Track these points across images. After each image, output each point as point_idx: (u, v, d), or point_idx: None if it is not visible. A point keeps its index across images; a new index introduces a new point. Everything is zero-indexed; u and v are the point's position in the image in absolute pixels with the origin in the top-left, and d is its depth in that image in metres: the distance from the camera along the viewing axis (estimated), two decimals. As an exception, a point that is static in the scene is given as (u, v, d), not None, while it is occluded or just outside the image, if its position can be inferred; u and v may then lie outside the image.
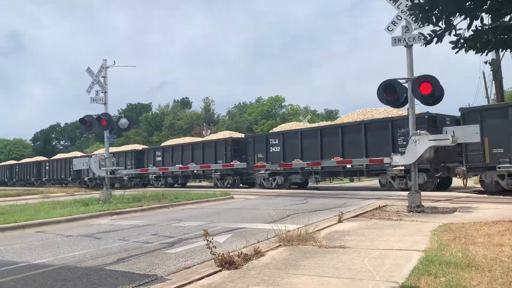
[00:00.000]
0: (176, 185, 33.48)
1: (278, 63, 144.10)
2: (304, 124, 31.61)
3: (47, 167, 47.96)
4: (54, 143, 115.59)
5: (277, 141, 25.74)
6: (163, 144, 40.48)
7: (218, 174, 29.60)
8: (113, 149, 42.94)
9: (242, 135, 33.73)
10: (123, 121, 18.31)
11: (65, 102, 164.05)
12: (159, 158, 34.44)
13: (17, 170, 54.50)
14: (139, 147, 43.38)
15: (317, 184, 25.91)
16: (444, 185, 20.83)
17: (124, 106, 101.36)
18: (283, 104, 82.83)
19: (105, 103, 18.17)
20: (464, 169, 17.37)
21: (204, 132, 57.47)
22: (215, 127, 73.55)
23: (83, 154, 51.65)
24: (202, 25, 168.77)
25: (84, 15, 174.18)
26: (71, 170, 41.03)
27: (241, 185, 29.28)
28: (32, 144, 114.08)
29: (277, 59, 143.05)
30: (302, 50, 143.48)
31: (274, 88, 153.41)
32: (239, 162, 27.94)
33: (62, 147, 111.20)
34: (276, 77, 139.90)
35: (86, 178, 40.03)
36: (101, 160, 18.03)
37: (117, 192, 21.76)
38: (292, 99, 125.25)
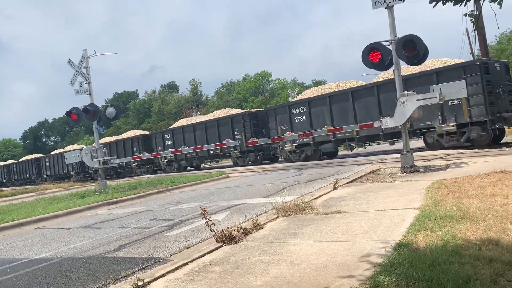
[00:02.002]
0: (189, 168, 32.11)
1: (261, 38, 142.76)
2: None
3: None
4: (44, 140, 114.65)
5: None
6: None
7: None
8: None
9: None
10: (110, 110, 18.14)
11: (51, 97, 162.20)
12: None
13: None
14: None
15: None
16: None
17: (111, 96, 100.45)
18: (270, 79, 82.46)
19: (90, 94, 17.93)
20: None
21: (194, 115, 57.09)
22: (205, 108, 73.21)
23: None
24: (181, 5, 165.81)
25: (59, 7, 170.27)
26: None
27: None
28: (22, 143, 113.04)
29: (259, 34, 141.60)
30: (283, 22, 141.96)
31: (260, 63, 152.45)
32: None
33: (52, 143, 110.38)
34: (260, 53, 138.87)
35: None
36: (93, 151, 17.92)
37: (113, 182, 21.77)
38: (279, 73, 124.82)
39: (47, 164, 46.92)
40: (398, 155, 12.70)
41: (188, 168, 32.32)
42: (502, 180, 8.00)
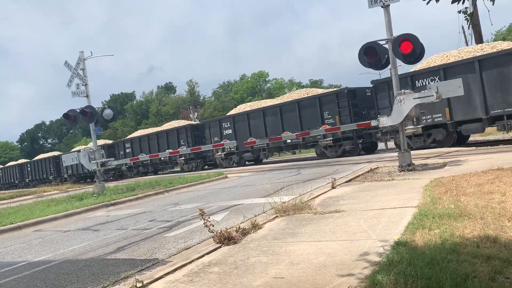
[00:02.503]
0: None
1: (258, 38, 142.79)
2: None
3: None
4: (41, 142, 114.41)
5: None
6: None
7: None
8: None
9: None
10: (108, 112, 18.12)
11: (48, 99, 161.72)
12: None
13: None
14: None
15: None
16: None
17: (108, 97, 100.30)
18: (267, 79, 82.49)
19: (87, 96, 17.90)
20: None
21: (191, 115, 57.09)
22: (202, 109, 73.19)
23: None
24: (178, 6, 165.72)
25: (56, 8, 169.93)
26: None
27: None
28: (19, 146, 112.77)
29: (257, 34, 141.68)
30: (281, 22, 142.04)
31: (257, 64, 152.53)
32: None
33: (50, 145, 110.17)
34: (258, 53, 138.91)
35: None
36: (90, 153, 17.89)
37: (111, 184, 21.75)
38: (276, 73, 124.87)
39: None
40: (396, 154, 12.73)
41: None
42: (499, 177, 8.02)
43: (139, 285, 4.63)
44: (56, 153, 53.08)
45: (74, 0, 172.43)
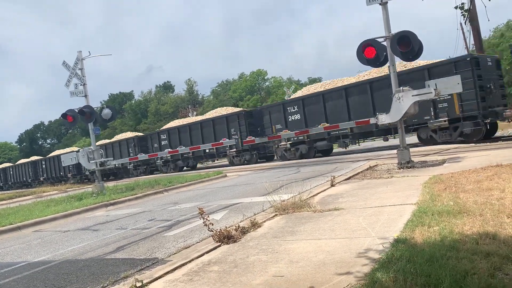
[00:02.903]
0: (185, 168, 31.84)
1: (256, 37, 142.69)
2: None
3: (43, 166, 45.08)
4: (40, 142, 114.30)
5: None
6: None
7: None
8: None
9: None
10: (106, 112, 18.09)
11: (46, 100, 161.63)
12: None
13: (44, 166, 46.05)
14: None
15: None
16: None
17: (106, 97, 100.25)
18: (266, 77, 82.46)
19: (85, 96, 17.87)
20: None
21: (190, 115, 57.03)
22: (201, 108, 73.14)
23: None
24: (176, 5, 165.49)
25: (54, 8, 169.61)
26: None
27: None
28: (18, 146, 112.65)
29: (255, 33, 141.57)
30: (279, 20, 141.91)
31: (255, 62, 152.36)
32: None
33: (49, 145, 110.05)
34: (256, 51, 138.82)
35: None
36: (89, 153, 17.87)
37: (110, 184, 21.74)
38: (275, 71, 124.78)
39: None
40: (395, 151, 12.73)
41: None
42: (498, 174, 8.02)
43: (138, 284, 4.62)
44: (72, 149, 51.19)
45: (73, 0, 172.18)
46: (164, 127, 37.40)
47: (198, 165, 34.40)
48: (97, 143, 35.98)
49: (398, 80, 12.15)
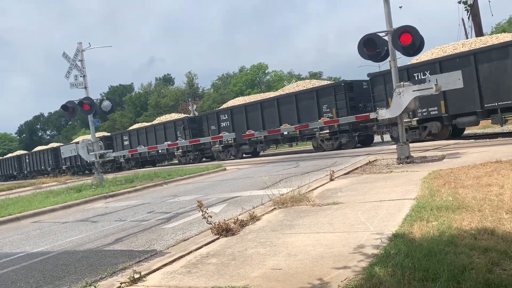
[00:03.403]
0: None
1: (257, 30, 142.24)
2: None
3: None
4: (40, 134, 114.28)
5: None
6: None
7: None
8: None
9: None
10: (106, 104, 18.08)
11: (46, 91, 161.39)
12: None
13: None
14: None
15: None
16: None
17: (106, 89, 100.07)
18: (266, 71, 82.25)
19: (85, 87, 17.84)
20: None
21: (190, 108, 56.92)
22: (201, 101, 73.02)
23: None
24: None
25: (54, 0, 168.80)
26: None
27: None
28: (18, 137, 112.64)
29: (255, 26, 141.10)
30: (280, 14, 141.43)
31: (256, 56, 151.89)
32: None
33: (48, 137, 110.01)
34: (257, 45, 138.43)
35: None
36: (89, 145, 17.86)
37: (110, 176, 21.75)
38: (276, 65, 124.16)
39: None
40: (394, 147, 12.72)
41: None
42: (497, 170, 8.02)
43: (136, 276, 4.63)
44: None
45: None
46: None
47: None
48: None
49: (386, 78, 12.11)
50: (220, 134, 27.16)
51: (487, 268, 3.45)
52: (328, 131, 22.11)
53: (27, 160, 48.90)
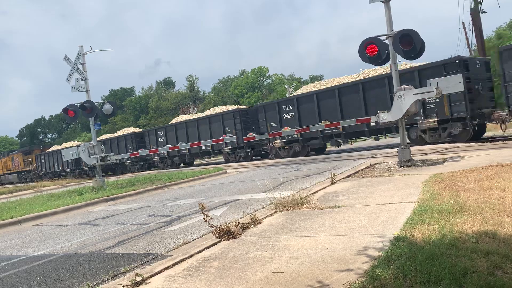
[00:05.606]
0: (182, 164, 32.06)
1: (258, 33, 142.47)
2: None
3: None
4: (41, 137, 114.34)
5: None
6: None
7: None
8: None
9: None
10: (107, 107, 18.11)
11: (47, 94, 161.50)
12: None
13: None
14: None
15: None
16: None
17: (107, 93, 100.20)
18: (267, 74, 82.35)
19: (86, 91, 17.88)
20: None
21: (191, 111, 56.99)
22: (202, 104, 73.09)
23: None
24: (179, 0, 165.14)
25: (56, 2, 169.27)
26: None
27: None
28: (19, 141, 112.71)
29: (257, 29, 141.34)
30: (281, 17, 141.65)
31: (257, 59, 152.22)
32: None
33: (49, 140, 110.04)
34: (258, 48, 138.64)
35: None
36: (90, 148, 17.88)
37: (111, 179, 21.75)
38: (276, 68, 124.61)
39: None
40: (395, 150, 12.73)
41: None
42: (499, 173, 8.02)
43: (138, 279, 4.64)
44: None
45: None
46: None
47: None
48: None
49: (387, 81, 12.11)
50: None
51: (488, 271, 3.46)
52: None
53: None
